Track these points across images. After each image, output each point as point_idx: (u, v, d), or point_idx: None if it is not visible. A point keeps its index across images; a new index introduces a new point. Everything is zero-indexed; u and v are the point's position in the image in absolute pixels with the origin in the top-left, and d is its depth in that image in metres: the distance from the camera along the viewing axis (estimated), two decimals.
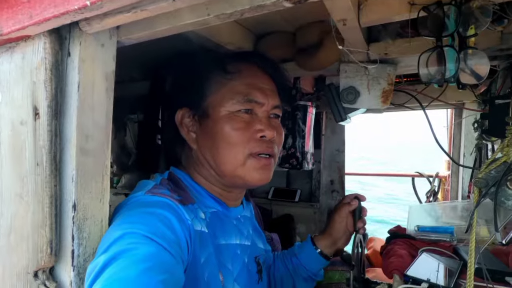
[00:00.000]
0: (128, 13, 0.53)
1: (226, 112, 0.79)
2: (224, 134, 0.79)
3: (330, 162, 2.01)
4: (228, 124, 0.79)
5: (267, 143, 0.81)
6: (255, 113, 0.82)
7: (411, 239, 1.33)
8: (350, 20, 0.90)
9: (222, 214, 0.82)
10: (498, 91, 1.18)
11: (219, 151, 0.79)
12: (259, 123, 0.80)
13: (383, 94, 1.17)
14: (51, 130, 0.57)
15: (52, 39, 0.58)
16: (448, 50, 0.86)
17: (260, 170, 0.80)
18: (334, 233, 1.03)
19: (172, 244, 0.62)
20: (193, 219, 0.71)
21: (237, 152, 0.78)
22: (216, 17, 0.56)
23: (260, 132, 0.80)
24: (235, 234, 0.83)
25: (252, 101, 0.80)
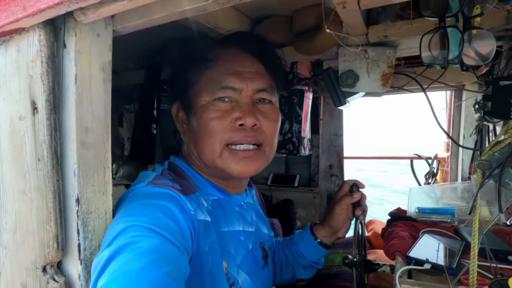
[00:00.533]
0: (124, 1, 0.51)
1: (205, 102, 0.77)
2: (202, 125, 0.76)
3: (329, 147, 2.01)
4: (205, 113, 0.76)
5: (247, 131, 0.76)
6: (235, 100, 0.77)
7: (412, 221, 1.34)
8: (349, 2, 0.88)
9: (223, 201, 0.82)
10: (502, 72, 1.17)
11: (199, 143, 0.77)
12: (238, 110, 0.75)
13: (382, 77, 1.15)
14: (50, 125, 0.56)
15: (47, 30, 0.56)
16: (451, 30, 0.85)
17: (241, 161, 0.76)
18: (334, 224, 1.02)
19: (175, 235, 0.62)
20: (196, 209, 0.71)
21: (214, 142, 0.75)
22: (215, 2, 0.55)
23: (238, 120, 0.75)
24: (238, 220, 0.83)
25: (227, 88, 0.76)
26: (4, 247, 0.66)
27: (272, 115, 0.81)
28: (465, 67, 0.88)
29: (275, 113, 0.83)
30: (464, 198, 1.40)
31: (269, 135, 0.80)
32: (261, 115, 0.78)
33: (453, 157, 2.01)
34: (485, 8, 0.81)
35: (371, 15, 1.16)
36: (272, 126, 0.81)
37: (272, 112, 0.81)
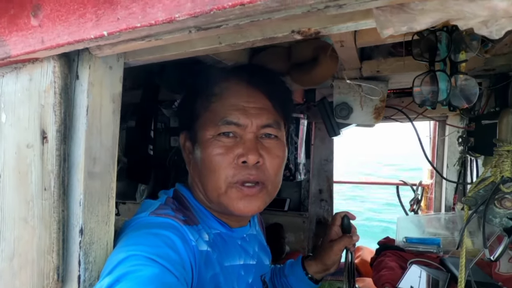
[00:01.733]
0: (142, 41, 0.53)
1: (209, 136, 0.76)
2: (206, 159, 0.75)
3: (319, 172, 2.04)
4: (209, 149, 0.75)
5: (249, 169, 0.74)
6: (239, 135, 0.76)
7: (400, 250, 1.37)
8: (347, 41, 0.93)
9: (225, 235, 0.81)
10: (482, 110, 1.24)
11: (203, 177, 0.77)
12: (241, 146, 0.74)
13: (375, 111, 1.21)
14: (60, 155, 0.57)
15: (61, 62, 0.57)
16: (440, 74, 0.90)
17: (244, 200, 0.74)
18: (329, 262, 1.02)
19: (176, 266, 0.62)
20: (198, 240, 0.72)
21: (218, 179, 0.74)
22: (228, 46, 0.57)
23: (241, 157, 0.73)
24: (239, 254, 0.83)
25: (231, 123, 0.75)
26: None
27: (277, 151, 0.79)
28: (453, 108, 0.94)
29: (281, 149, 0.81)
30: (448, 228, 1.44)
31: (272, 172, 0.78)
32: (265, 151, 0.76)
33: (437, 186, 2.07)
34: (469, 54, 0.87)
35: (365, 51, 1.23)
36: (276, 163, 0.78)
37: (277, 148, 0.79)
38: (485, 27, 0.39)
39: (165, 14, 0.43)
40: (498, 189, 0.82)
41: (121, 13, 0.46)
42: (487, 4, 0.34)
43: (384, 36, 0.47)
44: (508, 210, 0.77)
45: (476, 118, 1.09)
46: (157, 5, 0.43)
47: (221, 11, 0.40)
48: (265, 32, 0.55)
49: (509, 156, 0.79)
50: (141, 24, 0.45)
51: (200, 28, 0.48)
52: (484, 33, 0.40)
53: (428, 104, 0.93)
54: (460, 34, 0.87)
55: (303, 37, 0.53)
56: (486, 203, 0.83)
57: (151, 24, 0.45)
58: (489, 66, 1.10)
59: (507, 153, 0.79)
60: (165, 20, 0.44)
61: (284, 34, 0.53)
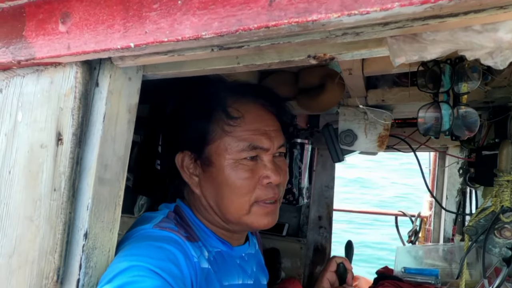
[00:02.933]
0: (165, 56, 0.56)
1: (231, 161, 0.76)
2: (229, 184, 0.76)
3: (319, 198, 2.04)
4: (234, 173, 0.76)
5: (273, 188, 0.78)
6: (260, 158, 0.79)
7: (398, 280, 1.36)
8: (355, 69, 0.97)
9: (226, 254, 0.81)
10: (482, 141, 1.26)
11: (224, 200, 0.77)
12: (264, 169, 0.77)
13: (379, 139, 1.23)
14: (73, 158, 0.58)
15: (84, 69, 0.60)
16: (443, 105, 0.93)
17: (267, 216, 0.77)
18: None
19: (177, 281, 0.62)
20: (200, 256, 0.71)
21: (243, 201, 0.76)
22: (245, 66, 0.60)
23: (266, 179, 0.77)
24: (238, 274, 0.82)
25: (258, 148, 0.77)
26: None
27: (285, 167, 0.84)
28: (455, 137, 0.96)
29: (286, 165, 0.86)
30: (447, 259, 1.43)
31: (283, 188, 0.83)
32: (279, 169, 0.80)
33: (436, 217, 2.07)
34: (471, 86, 0.91)
35: (370, 80, 1.26)
36: (286, 179, 0.84)
37: (284, 164, 0.84)
38: (490, 58, 0.41)
39: (193, 31, 0.46)
40: (498, 218, 0.83)
41: (149, 27, 0.49)
42: (493, 36, 0.37)
43: (396, 64, 0.50)
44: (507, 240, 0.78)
45: (476, 149, 1.11)
46: (185, 22, 0.46)
47: (246, 32, 0.42)
48: (283, 55, 0.57)
49: (509, 186, 0.80)
50: (168, 39, 0.48)
51: (223, 47, 0.51)
52: (489, 63, 0.42)
53: (432, 133, 0.96)
54: (462, 66, 0.90)
55: (318, 62, 0.56)
56: (486, 232, 0.84)
57: (178, 39, 0.47)
58: (488, 98, 1.14)
59: (507, 183, 0.81)
60: (191, 37, 0.46)
61: (300, 58, 0.56)
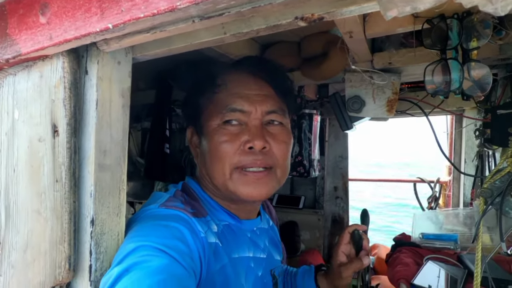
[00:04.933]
0: (147, 34, 0.54)
1: (215, 126, 0.77)
2: (212, 148, 0.77)
3: (334, 169, 2.02)
4: (215, 137, 0.76)
5: (256, 155, 0.75)
6: (244, 123, 0.77)
7: (416, 247, 1.35)
8: (356, 32, 0.92)
9: (234, 227, 0.81)
10: (498, 100, 1.20)
11: (210, 166, 0.78)
12: (247, 133, 0.75)
13: (388, 103, 1.18)
14: (70, 148, 0.58)
15: (70, 58, 0.59)
16: (452, 62, 0.88)
17: (250, 185, 0.75)
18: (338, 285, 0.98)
19: (184, 257, 0.63)
20: (207, 232, 0.72)
21: (224, 166, 0.75)
22: (233, 36, 0.58)
23: (247, 143, 0.74)
24: (248, 247, 0.83)
25: (236, 110, 0.76)
26: (12, 266, 0.67)
27: (282, 137, 0.80)
28: (466, 97, 0.91)
29: (286, 135, 0.82)
30: (466, 224, 1.40)
31: (280, 157, 0.78)
32: (271, 137, 0.77)
33: (455, 182, 2.02)
34: (481, 42, 0.85)
35: (376, 43, 1.21)
36: (283, 148, 0.79)
37: (282, 134, 0.80)
38: (490, 4, 0.38)
39: (167, 3, 0.44)
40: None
41: (125, 5, 0.47)
42: None
43: (388, 18, 0.46)
44: None
45: (492, 109, 1.05)
46: None
47: None
48: (269, 20, 0.54)
49: None
50: (144, 14, 0.46)
51: (203, 17, 0.49)
52: (489, 10, 0.39)
53: (441, 93, 0.91)
54: (471, 21, 0.84)
55: (306, 23, 0.53)
56: (502, 194, 0.80)
57: (154, 14, 0.45)
58: (504, 55, 1.07)
59: None
60: (167, 9, 0.44)
61: (287, 21, 0.53)
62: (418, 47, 1.09)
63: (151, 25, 0.50)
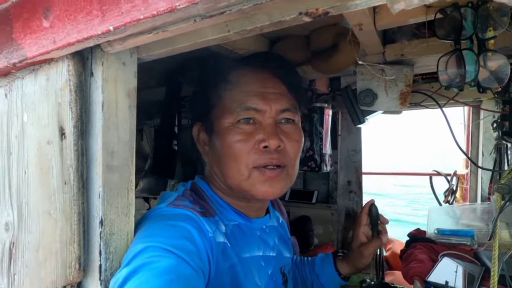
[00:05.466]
0: (150, 34, 0.53)
1: (228, 124, 0.76)
2: (226, 147, 0.76)
3: (347, 163, 2.00)
4: (229, 136, 0.75)
5: (271, 153, 0.75)
6: (258, 121, 0.77)
7: (431, 242, 1.32)
8: (366, 24, 0.90)
9: (244, 226, 0.81)
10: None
11: (224, 165, 0.77)
12: (262, 132, 0.75)
13: (401, 96, 1.15)
14: (77, 150, 0.59)
15: (75, 61, 0.59)
16: (467, 53, 0.85)
17: (267, 183, 0.75)
18: (359, 265, 1.00)
19: (192, 256, 0.63)
20: (215, 231, 0.72)
21: (240, 165, 0.75)
22: (236, 33, 0.57)
23: (262, 143, 0.74)
24: (258, 245, 0.82)
25: (251, 109, 0.75)
26: (26, 265, 0.68)
27: (295, 135, 0.80)
28: (482, 89, 0.88)
29: (299, 134, 0.82)
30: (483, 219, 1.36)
31: (292, 156, 0.79)
32: (284, 136, 0.77)
33: (472, 175, 1.96)
34: (498, 31, 0.81)
35: (387, 35, 1.17)
36: (296, 146, 0.80)
37: (295, 132, 0.80)
38: None
39: (166, 3, 0.43)
40: None
41: (125, 7, 0.47)
42: None
43: (395, 11, 0.44)
44: None
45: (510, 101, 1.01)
46: None
47: None
48: (272, 16, 0.53)
49: None
50: (144, 16, 0.46)
51: (205, 16, 0.48)
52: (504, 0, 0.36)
53: (455, 86, 0.88)
54: (486, 9, 0.81)
55: (311, 18, 0.51)
56: None
57: (154, 15, 0.45)
58: None
59: None
60: (166, 10, 0.44)
61: (291, 17, 0.52)
62: (431, 37, 1.05)
63: (152, 26, 0.50)
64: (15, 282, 0.70)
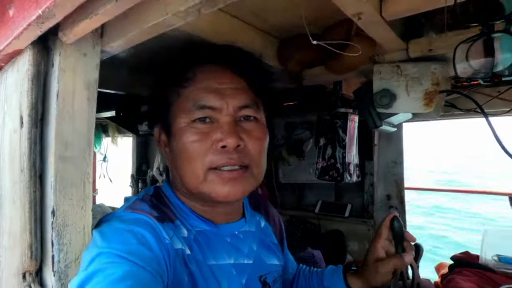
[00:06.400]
0: (87, 19, 0.53)
1: (184, 124, 0.71)
2: (181, 148, 0.71)
3: (386, 175, 1.81)
4: (185, 136, 0.71)
5: (230, 153, 0.70)
6: (216, 120, 0.72)
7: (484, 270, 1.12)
8: (367, 14, 0.80)
9: (209, 232, 0.75)
10: None
11: (181, 167, 0.73)
12: (219, 131, 0.70)
13: (425, 96, 1.01)
14: (30, 138, 0.60)
15: (35, 51, 0.61)
16: (502, 36, 0.71)
17: (227, 184, 0.70)
18: (374, 283, 0.88)
19: (149, 262, 0.60)
20: (172, 237, 0.67)
21: (196, 167, 0.70)
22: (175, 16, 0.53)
23: (219, 142, 0.69)
24: (229, 253, 0.76)
25: (205, 107, 0.70)
26: (4, 249, 0.71)
27: (257, 133, 0.74)
28: None
29: (261, 131, 0.76)
30: None
31: (255, 154, 0.73)
32: (245, 134, 0.72)
33: None
34: None
35: (414, 27, 1.04)
36: (258, 145, 0.74)
37: (257, 130, 0.74)
38: None
39: None
40: None
41: None
42: None
43: None
44: None
45: None
46: None
47: None
48: None
49: None
50: None
51: None
52: None
53: (480, 76, 0.74)
54: None
55: None
56: None
57: None
58: None
59: None
60: None
61: None
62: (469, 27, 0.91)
63: (78, 3, 0.48)
64: (1, 265, 0.74)
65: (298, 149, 2.00)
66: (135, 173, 3.17)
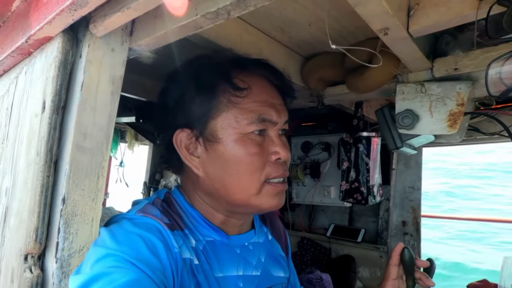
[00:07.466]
0: (118, 12, 0.54)
1: (239, 135, 0.70)
2: (238, 160, 0.70)
3: (402, 200, 1.76)
4: (242, 148, 0.69)
5: (282, 166, 0.73)
6: (267, 133, 0.73)
7: None
8: (393, 28, 0.79)
9: (220, 243, 0.73)
10: None
11: (232, 179, 0.70)
12: (272, 144, 0.72)
13: (450, 117, 0.98)
14: (50, 123, 0.60)
15: (64, 39, 0.62)
16: None
17: (277, 196, 0.72)
18: None
19: (155, 271, 0.59)
20: (181, 246, 0.66)
21: (254, 179, 0.70)
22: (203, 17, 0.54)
23: (275, 155, 0.72)
24: (237, 264, 0.74)
25: (266, 121, 0.71)
26: (10, 229, 0.71)
27: (288, 145, 0.78)
28: None
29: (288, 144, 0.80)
30: None
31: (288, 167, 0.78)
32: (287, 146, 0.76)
33: None
34: None
35: (438, 46, 1.03)
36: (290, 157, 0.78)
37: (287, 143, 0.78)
38: None
39: None
40: None
41: None
42: None
43: None
44: None
45: None
46: None
47: None
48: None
49: None
50: None
51: None
52: None
53: None
54: None
55: None
56: None
57: None
58: None
59: None
60: None
61: None
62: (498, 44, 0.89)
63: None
64: (4, 244, 0.74)
65: (315, 170, 1.97)
66: (148, 181, 3.19)
